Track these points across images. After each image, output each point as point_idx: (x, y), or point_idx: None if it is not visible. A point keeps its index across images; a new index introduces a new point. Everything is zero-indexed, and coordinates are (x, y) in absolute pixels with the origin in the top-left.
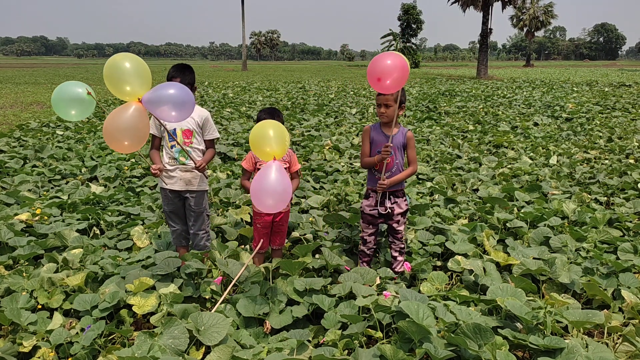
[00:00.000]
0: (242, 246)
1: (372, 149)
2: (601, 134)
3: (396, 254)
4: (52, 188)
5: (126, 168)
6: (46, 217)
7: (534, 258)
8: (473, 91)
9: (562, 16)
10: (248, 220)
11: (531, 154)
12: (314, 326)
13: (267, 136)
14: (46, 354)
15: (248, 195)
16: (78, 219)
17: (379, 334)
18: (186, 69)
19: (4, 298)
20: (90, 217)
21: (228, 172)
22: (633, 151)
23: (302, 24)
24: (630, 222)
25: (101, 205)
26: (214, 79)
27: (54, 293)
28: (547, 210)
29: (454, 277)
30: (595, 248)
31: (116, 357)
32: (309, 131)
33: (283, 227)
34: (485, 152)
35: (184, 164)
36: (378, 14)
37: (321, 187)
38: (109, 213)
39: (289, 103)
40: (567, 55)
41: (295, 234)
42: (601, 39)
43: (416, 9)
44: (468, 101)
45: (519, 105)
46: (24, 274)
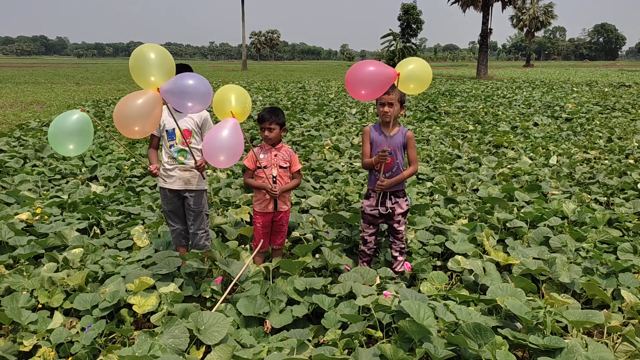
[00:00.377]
0: (242, 246)
1: (373, 150)
2: (601, 134)
3: (396, 254)
4: (52, 187)
5: (126, 168)
6: (46, 217)
7: (534, 258)
8: (473, 91)
9: (562, 16)
10: (248, 220)
11: (531, 154)
12: (314, 326)
13: (228, 97)
14: (46, 353)
15: (249, 194)
16: (78, 219)
17: (379, 334)
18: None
19: (5, 297)
20: (90, 217)
21: (228, 172)
22: (633, 151)
23: (302, 24)
24: (629, 222)
25: (101, 204)
26: (214, 79)
27: (55, 292)
28: (547, 210)
29: (454, 277)
30: (595, 248)
31: (117, 357)
32: (309, 131)
33: (283, 227)
34: (485, 152)
35: (183, 164)
36: (378, 14)
37: (321, 187)
38: (109, 212)
39: (289, 103)
40: (567, 55)
41: (295, 234)
42: (601, 39)
43: (416, 9)
44: (468, 101)
45: (519, 105)
46: (25, 274)
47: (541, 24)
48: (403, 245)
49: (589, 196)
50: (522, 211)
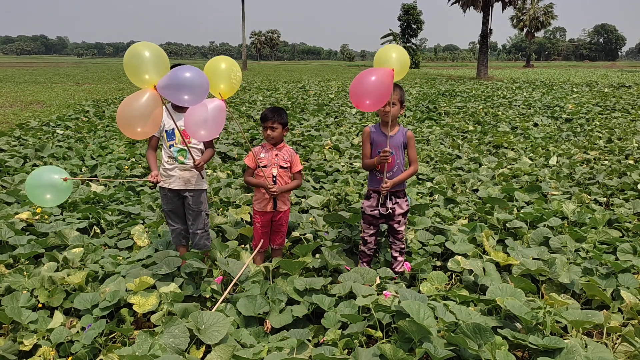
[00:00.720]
0: (242, 245)
1: (373, 150)
2: (601, 135)
3: (396, 254)
4: None
5: (126, 167)
6: (46, 216)
7: (534, 258)
8: (473, 91)
9: (562, 17)
10: (248, 219)
11: (531, 155)
12: (314, 326)
13: (216, 74)
14: (47, 353)
15: (249, 194)
16: (78, 218)
17: (379, 334)
18: None
19: (5, 297)
20: (90, 216)
21: (228, 172)
22: (632, 152)
23: (302, 24)
24: (629, 223)
25: (101, 204)
26: None
27: (55, 292)
28: (547, 210)
29: (454, 277)
30: (594, 248)
31: (117, 356)
32: (309, 131)
33: (283, 227)
34: (485, 153)
35: (183, 163)
36: (378, 14)
37: (321, 187)
38: (109, 212)
39: (289, 103)
40: (567, 56)
41: (295, 234)
42: (601, 40)
43: (416, 9)
44: (468, 101)
45: (519, 105)
46: (25, 273)
47: (541, 25)
48: (403, 245)
49: (589, 197)
50: (522, 211)
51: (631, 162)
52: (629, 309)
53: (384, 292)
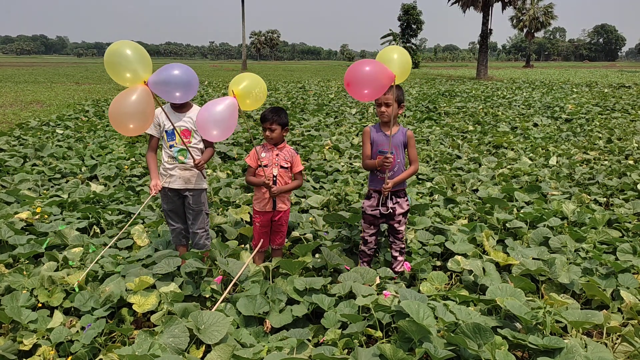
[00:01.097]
0: (242, 245)
1: (373, 150)
2: (600, 135)
3: (396, 254)
4: (52, 187)
5: (126, 167)
6: (46, 216)
7: (534, 258)
8: (473, 92)
9: (562, 17)
10: (248, 219)
11: (531, 155)
12: (314, 325)
13: (240, 81)
14: (46, 353)
15: (249, 194)
16: (78, 218)
17: (379, 334)
18: None
19: (5, 296)
20: (90, 216)
21: (228, 172)
22: (632, 152)
23: (302, 24)
24: (629, 223)
25: (101, 204)
26: (214, 79)
27: (54, 291)
28: (547, 210)
29: (454, 277)
30: (594, 249)
31: (117, 356)
32: (309, 131)
33: (282, 227)
34: (485, 153)
35: (183, 163)
36: (378, 14)
37: (321, 187)
38: (109, 212)
39: (289, 103)
40: (567, 56)
41: (295, 234)
42: (601, 40)
43: (416, 10)
44: (468, 102)
45: (519, 106)
46: (24, 273)
47: (541, 25)
48: (403, 245)
49: (589, 197)
50: (522, 212)
51: (631, 162)
52: (629, 309)
53: (384, 292)
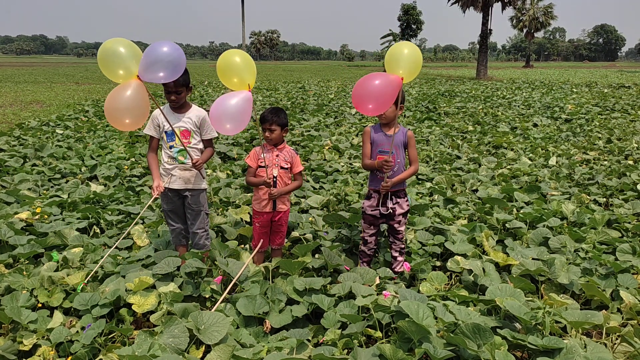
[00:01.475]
0: (242, 245)
1: (373, 150)
2: (600, 135)
3: (396, 254)
4: (52, 187)
5: (126, 167)
6: (46, 216)
7: (533, 258)
8: (473, 92)
9: (562, 17)
10: (248, 219)
11: (530, 155)
12: (314, 326)
13: (237, 67)
14: (46, 353)
15: (248, 194)
16: (78, 218)
17: (379, 334)
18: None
19: (5, 296)
20: (90, 216)
21: (228, 172)
22: (632, 152)
23: (302, 24)
24: (629, 223)
25: (101, 204)
26: (214, 79)
27: (54, 292)
28: (546, 211)
29: (453, 277)
30: (594, 249)
31: (116, 356)
32: (309, 131)
33: (282, 227)
34: (484, 153)
35: (183, 163)
36: (378, 14)
37: (321, 187)
38: (109, 212)
39: (289, 103)
40: (567, 56)
41: (295, 234)
42: (601, 40)
43: (416, 10)
44: (468, 102)
45: (519, 106)
46: (24, 273)
47: (541, 25)
48: (403, 245)
49: (588, 197)
50: (522, 212)
51: (630, 163)
52: (628, 310)
53: (384, 292)
